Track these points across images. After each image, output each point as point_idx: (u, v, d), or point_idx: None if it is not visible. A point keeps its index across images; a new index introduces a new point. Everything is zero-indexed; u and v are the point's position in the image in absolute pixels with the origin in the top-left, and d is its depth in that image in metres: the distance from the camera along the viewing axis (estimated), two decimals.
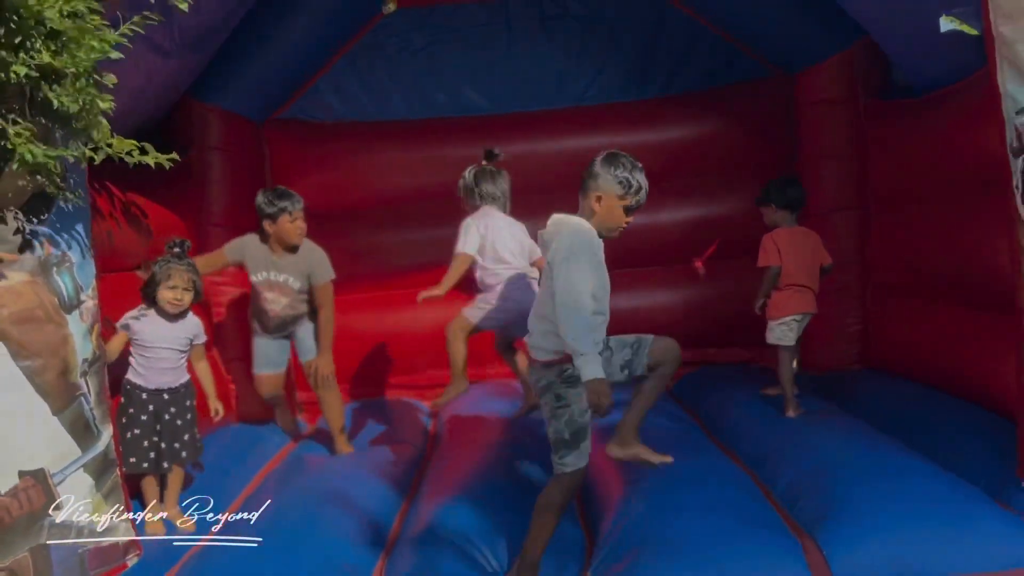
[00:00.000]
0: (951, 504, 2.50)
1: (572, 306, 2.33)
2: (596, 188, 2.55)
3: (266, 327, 3.85)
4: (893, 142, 4.06)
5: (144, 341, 3.02)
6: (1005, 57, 2.56)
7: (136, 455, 2.97)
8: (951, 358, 3.52)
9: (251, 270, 3.78)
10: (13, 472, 2.41)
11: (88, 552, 2.53)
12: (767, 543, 2.43)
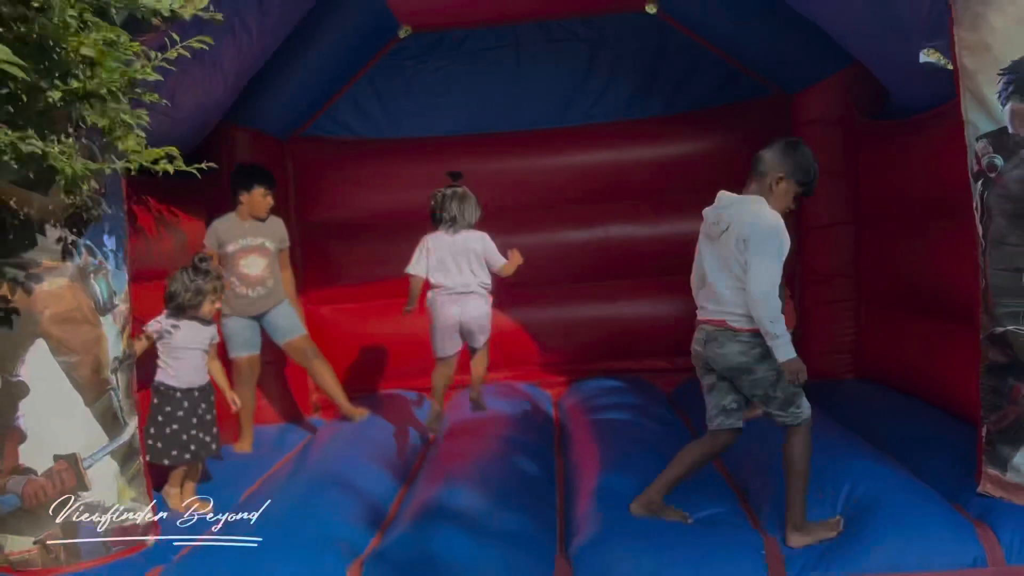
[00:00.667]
0: (906, 507, 2.66)
1: (768, 293, 2.51)
2: (777, 170, 2.68)
3: (241, 304, 4.07)
4: (882, 161, 4.21)
5: (178, 344, 3.32)
6: (967, 87, 2.76)
7: (178, 448, 3.28)
8: (930, 369, 3.68)
9: (226, 243, 4.07)
10: (49, 456, 2.72)
11: (112, 531, 2.79)
12: (730, 537, 2.63)
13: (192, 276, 3.33)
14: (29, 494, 2.68)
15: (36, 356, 2.68)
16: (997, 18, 2.62)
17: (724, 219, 2.67)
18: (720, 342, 2.67)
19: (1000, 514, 2.62)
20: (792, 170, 2.68)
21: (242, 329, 4.10)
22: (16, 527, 2.71)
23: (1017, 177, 2.62)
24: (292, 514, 2.97)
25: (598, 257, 5.00)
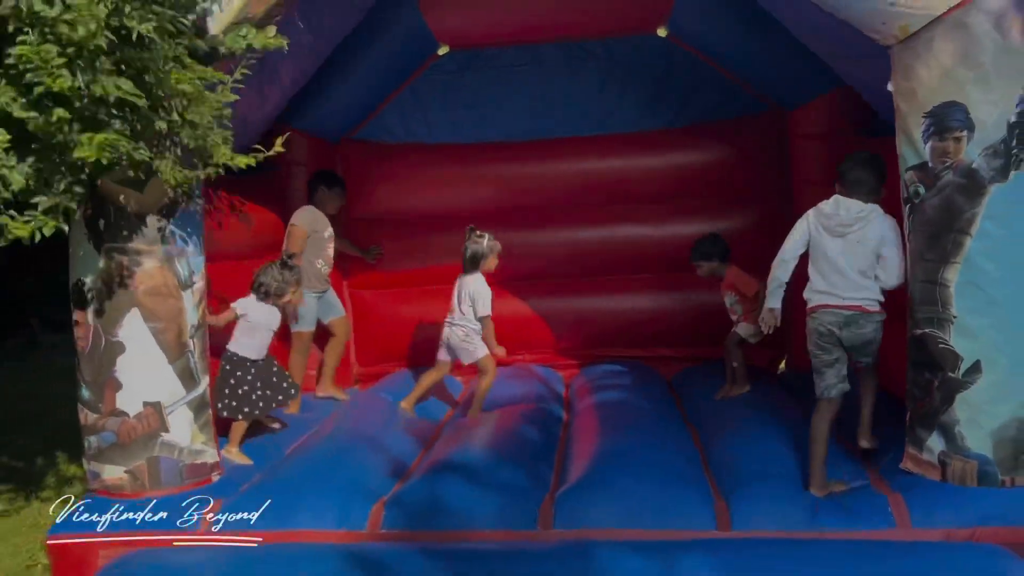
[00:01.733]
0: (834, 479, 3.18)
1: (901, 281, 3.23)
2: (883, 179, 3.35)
3: (321, 283, 4.78)
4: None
5: (256, 324, 3.99)
6: (900, 126, 3.19)
7: (249, 406, 3.92)
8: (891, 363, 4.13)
9: (321, 229, 4.77)
10: (139, 402, 3.35)
11: (186, 466, 3.43)
12: (688, 496, 3.14)
13: (280, 270, 4.02)
14: (123, 432, 3.33)
15: (131, 322, 3.31)
16: (923, 70, 3.04)
17: (858, 222, 3.29)
18: (860, 324, 3.28)
19: (912, 486, 3.10)
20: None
21: (314, 305, 4.76)
22: (111, 458, 3.36)
23: (934, 204, 3.04)
24: (329, 464, 3.58)
25: (608, 254, 5.48)
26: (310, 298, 4.71)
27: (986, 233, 2.97)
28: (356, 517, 3.18)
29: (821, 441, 3.24)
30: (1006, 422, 3.00)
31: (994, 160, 2.96)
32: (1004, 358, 2.99)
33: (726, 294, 4.59)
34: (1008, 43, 2.94)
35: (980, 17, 2.94)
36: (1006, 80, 2.95)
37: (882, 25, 3.14)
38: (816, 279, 3.43)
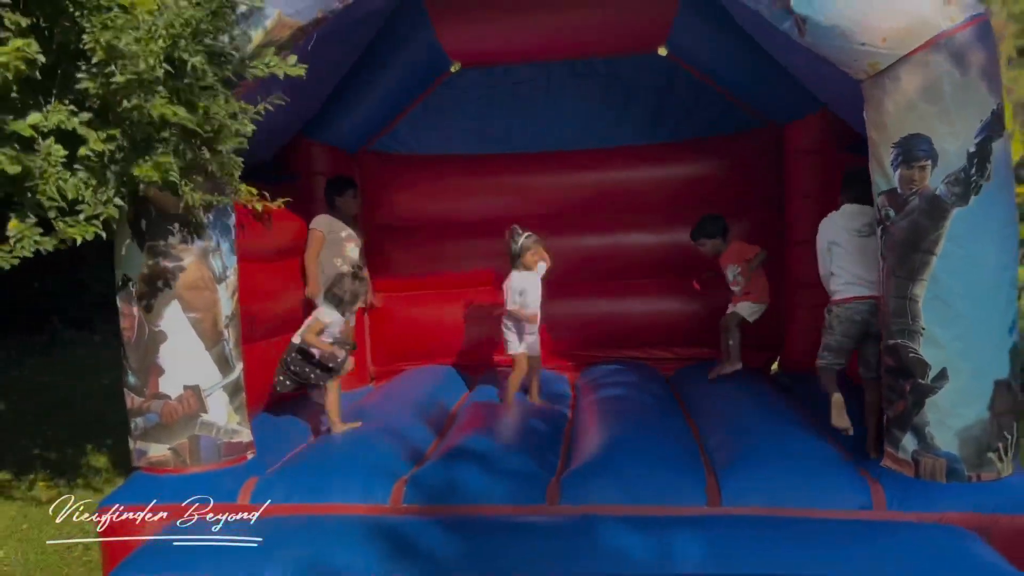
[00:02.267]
0: (814, 462, 3.51)
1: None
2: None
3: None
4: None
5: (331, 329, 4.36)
6: (872, 154, 3.50)
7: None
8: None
9: (337, 230, 5.15)
10: (180, 385, 3.64)
11: (223, 444, 3.73)
12: (682, 475, 3.46)
13: (353, 281, 4.36)
14: (165, 413, 3.64)
15: (172, 313, 3.61)
16: (890, 104, 3.34)
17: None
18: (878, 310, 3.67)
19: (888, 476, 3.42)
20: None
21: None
22: (155, 437, 3.67)
23: (902, 227, 3.34)
24: (354, 449, 3.91)
25: (611, 260, 5.77)
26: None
27: (949, 253, 3.26)
28: (379, 493, 3.49)
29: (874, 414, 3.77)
30: (971, 423, 3.30)
31: (955, 187, 3.27)
32: (967, 366, 3.29)
33: (728, 267, 4.86)
34: (967, 81, 3.25)
35: (941, 57, 3.25)
36: (965, 114, 3.26)
37: (854, 62, 3.45)
38: (847, 274, 3.84)
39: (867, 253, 3.77)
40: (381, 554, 3.00)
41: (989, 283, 3.30)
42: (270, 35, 3.63)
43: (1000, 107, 3.36)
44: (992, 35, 3.39)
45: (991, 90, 3.32)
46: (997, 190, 3.30)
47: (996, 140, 3.31)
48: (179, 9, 2.97)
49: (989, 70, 3.33)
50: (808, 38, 3.55)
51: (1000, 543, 3.05)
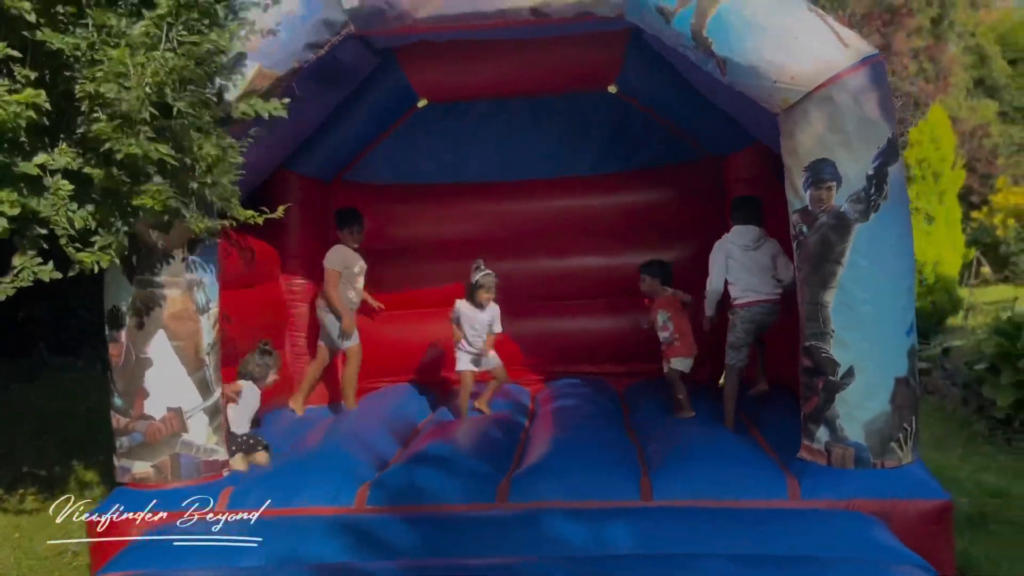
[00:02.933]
0: (737, 459, 3.90)
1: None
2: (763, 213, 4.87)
3: (352, 305, 5.50)
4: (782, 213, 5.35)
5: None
6: (788, 178, 3.92)
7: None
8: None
9: (350, 265, 5.48)
10: (163, 407, 3.95)
11: (202, 462, 4.04)
12: (617, 475, 3.83)
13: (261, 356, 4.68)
14: (149, 433, 3.94)
15: (158, 341, 3.93)
16: (801, 134, 3.77)
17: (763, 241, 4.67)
18: (778, 310, 4.59)
19: (803, 469, 3.80)
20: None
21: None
22: (139, 455, 3.97)
23: (813, 240, 3.76)
24: (325, 456, 4.24)
25: (569, 282, 6.16)
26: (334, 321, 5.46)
27: (854, 263, 3.69)
28: (345, 496, 3.83)
29: (732, 397, 4.64)
30: (875, 416, 3.70)
31: (858, 205, 3.70)
32: (871, 364, 3.69)
33: (659, 311, 5.25)
34: (864, 114, 3.68)
35: (842, 94, 3.69)
36: (865, 143, 3.70)
37: (769, 97, 3.88)
38: (743, 282, 4.61)
39: (757, 263, 4.62)
40: (346, 546, 3.33)
41: (889, 290, 3.71)
42: (252, 84, 4.04)
43: (894, 136, 3.79)
44: (885, 75, 3.83)
45: (886, 121, 3.75)
46: (893, 208, 3.72)
47: (891, 164, 3.73)
48: (164, 60, 3.35)
49: (883, 104, 3.77)
50: (729, 77, 3.98)
51: (898, 526, 3.42)
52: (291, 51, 4.16)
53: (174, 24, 3.35)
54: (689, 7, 3.93)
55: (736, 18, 3.84)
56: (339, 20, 4.24)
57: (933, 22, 17.24)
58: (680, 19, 3.97)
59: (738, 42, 3.85)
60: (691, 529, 3.28)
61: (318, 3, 4.16)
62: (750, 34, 3.82)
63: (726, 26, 3.86)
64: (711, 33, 3.90)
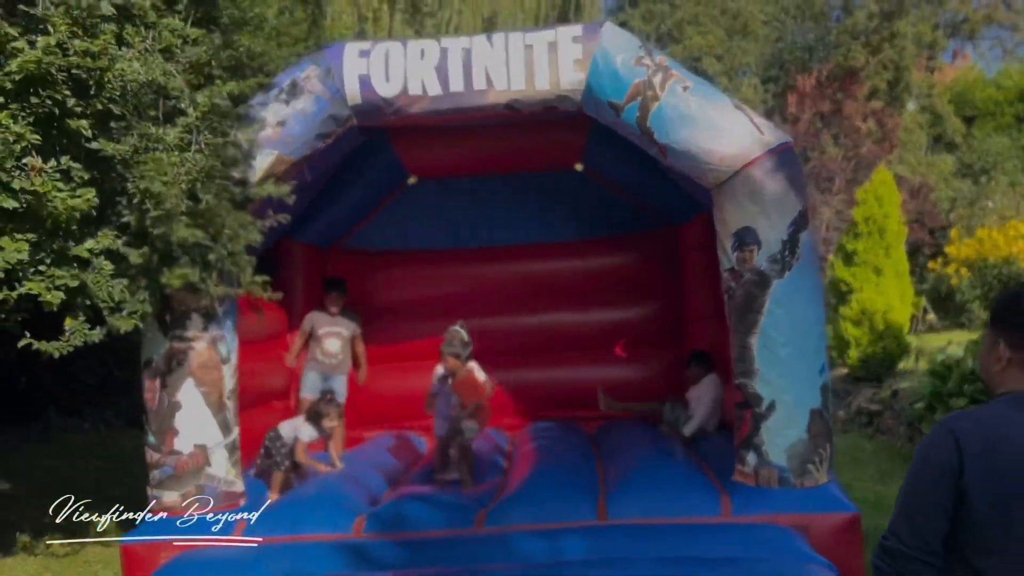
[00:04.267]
0: (680, 482, 4.55)
1: None
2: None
3: (319, 366, 6.16)
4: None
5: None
6: (719, 242, 4.68)
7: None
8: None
9: (317, 327, 6.14)
10: (191, 444, 4.55)
11: (222, 492, 4.67)
12: (578, 499, 4.46)
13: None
14: (178, 466, 4.55)
15: (187, 387, 4.55)
16: (729, 205, 4.52)
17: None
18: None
19: (736, 489, 4.46)
20: None
21: (314, 380, 6.17)
22: (169, 486, 4.55)
23: (740, 294, 4.48)
24: (324, 493, 4.85)
25: (544, 336, 6.85)
26: (312, 376, 6.13)
27: (773, 312, 4.40)
28: (344, 525, 4.43)
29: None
30: (794, 442, 4.36)
31: (775, 264, 4.44)
32: (790, 398, 4.38)
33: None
34: (778, 189, 4.45)
35: (760, 173, 4.47)
36: (779, 213, 4.45)
37: (703, 176, 4.67)
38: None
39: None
40: (345, 564, 3.95)
41: (803, 334, 4.42)
42: (271, 170, 4.79)
43: (806, 208, 4.56)
44: (795, 158, 4.63)
45: (798, 196, 4.53)
46: (805, 266, 4.47)
47: (802, 232, 4.49)
48: (194, 160, 4.10)
49: (796, 181, 4.55)
50: (669, 159, 4.77)
51: (815, 537, 4.04)
52: (304, 141, 4.93)
53: (201, 129, 4.10)
54: (634, 103, 4.73)
55: (673, 112, 4.63)
56: (344, 114, 5.01)
57: (889, 84, 18.45)
58: (628, 112, 4.77)
59: (675, 132, 4.63)
60: (635, 540, 3.92)
61: (326, 102, 4.92)
62: (685, 125, 4.60)
63: (665, 119, 4.65)
64: (653, 124, 4.69)
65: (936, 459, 1.79)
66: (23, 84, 3.64)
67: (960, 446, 1.76)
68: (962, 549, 1.77)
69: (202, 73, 4.25)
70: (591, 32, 4.81)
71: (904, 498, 1.84)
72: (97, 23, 3.88)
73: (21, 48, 3.64)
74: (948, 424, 1.83)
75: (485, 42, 4.83)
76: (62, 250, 3.95)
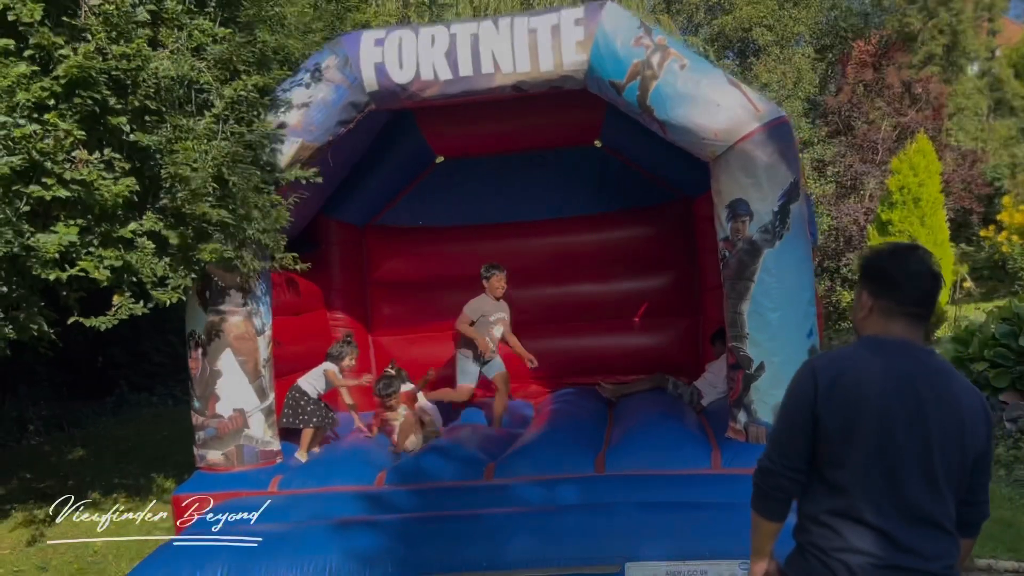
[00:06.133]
0: (674, 438, 4.83)
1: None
2: None
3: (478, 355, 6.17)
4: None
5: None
6: (716, 212, 4.89)
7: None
8: None
9: (487, 314, 6.16)
10: (230, 408, 5.04)
11: (260, 451, 5.17)
12: (577, 453, 4.80)
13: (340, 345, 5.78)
14: (220, 428, 5.06)
15: (226, 357, 5.03)
16: (724, 178, 4.76)
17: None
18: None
19: (728, 445, 4.72)
20: None
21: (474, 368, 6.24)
22: (212, 445, 5.07)
23: (733, 263, 4.71)
24: (350, 452, 5.32)
25: (566, 306, 7.15)
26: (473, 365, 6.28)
27: (762, 280, 4.63)
28: (367, 479, 4.88)
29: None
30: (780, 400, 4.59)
31: (766, 234, 4.65)
32: (777, 359, 4.61)
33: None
34: (771, 162, 4.66)
35: (754, 146, 4.68)
36: (771, 185, 4.66)
37: (701, 150, 4.89)
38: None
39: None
40: (366, 509, 4.37)
41: (792, 301, 4.64)
42: (296, 156, 5.19)
43: (797, 179, 4.74)
44: (790, 131, 4.80)
45: (790, 168, 4.71)
46: (795, 237, 4.67)
47: (794, 203, 4.68)
48: (220, 147, 4.51)
49: (787, 154, 4.73)
50: (670, 135, 5.00)
51: None
52: (326, 128, 5.31)
53: (228, 119, 4.51)
54: (635, 82, 4.97)
55: (671, 90, 4.86)
56: (363, 101, 5.37)
57: (946, 49, 17.92)
58: (628, 91, 5.01)
59: (673, 109, 4.87)
60: (626, 489, 4.24)
61: (345, 90, 5.29)
62: (682, 103, 4.83)
63: (663, 97, 4.88)
64: (652, 102, 4.93)
65: (797, 391, 2.10)
66: (68, 87, 4.10)
67: (816, 380, 2.07)
68: (819, 465, 2.06)
69: (228, 68, 4.66)
70: (592, 13, 5.05)
71: (775, 425, 2.14)
72: (133, 28, 4.32)
73: (67, 55, 4.09)
74: (810, 362, 2.14)
75: (491, 27, 5.12)
76: (108, 233, 4.43)
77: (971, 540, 2.16)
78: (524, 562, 3.71)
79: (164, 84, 4.37)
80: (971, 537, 2.15)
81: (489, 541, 3.82)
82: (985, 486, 2.12)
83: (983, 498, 2.11)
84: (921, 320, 2.09)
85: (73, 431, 9.23)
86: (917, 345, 2.07)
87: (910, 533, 1.97)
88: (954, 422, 2.00)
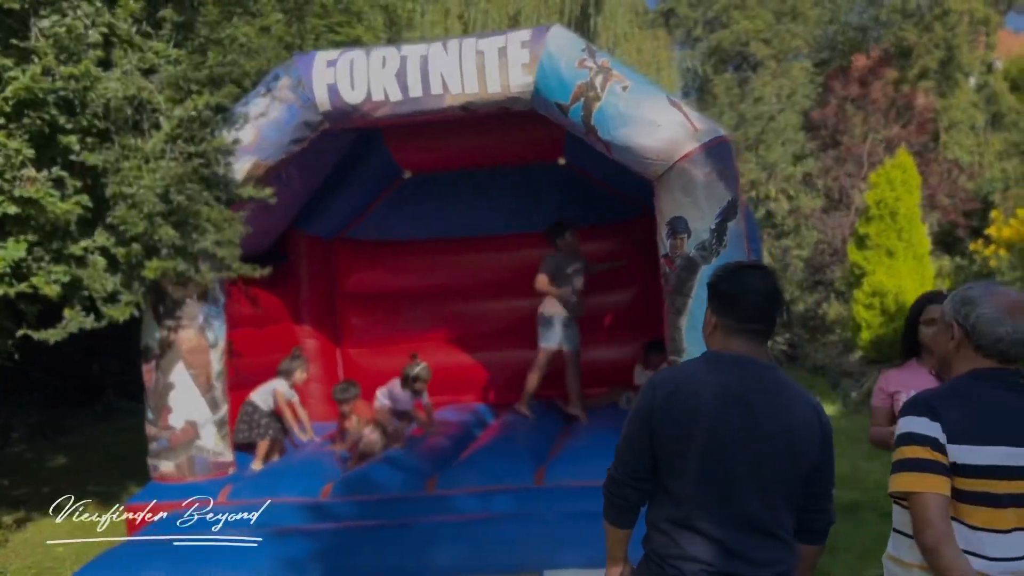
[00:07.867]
0: None
1: None
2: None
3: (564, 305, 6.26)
4: None
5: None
6: (658, 230, 4.97)
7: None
8: None
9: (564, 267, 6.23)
10: (182, 420, 5.16)
11: (212, 462, 5.27)
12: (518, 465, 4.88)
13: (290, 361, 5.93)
14: (172, 439, 5.17)
15: (178, 369, 5.15)
16: (665, 196, 4.84)
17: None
18: None
19: None
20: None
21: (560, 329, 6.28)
22: (165, 456, 5.18)
23: (673, 279, 4.80)
24: (302, 463, 5.42)
25: (527, 320, 7.18)
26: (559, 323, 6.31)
27: (700, 296, 4.70)
28: (314, 490, 4.96)
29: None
30: None
31: (703, 251, 4.73)
32: None
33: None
34: (709, 181, 4.74)
35: (690, 166, 4.77)
36: (709, 203, 4.74)
37: (644, 169, 4.98)
38: None
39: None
40: (311, 518, 4.46)
41: None
42: (250, 173, 5.32)
43: (735, 198, 4.81)
44: (729, 150, 4.88)
45: (728, 187, 4.79)
46: (732, 254, 4.74)
47: (731, 220, 4.76)
48: (168, 167, 4.63)
49: (726, 173, 4.81)
50: (614, 154, 5.10)
51: None
52: (279, 147, 5.44)
53: (178, 139, 4.64)
54: (578, 104, 5.07)
55: (613, 111, 4.96)
56: (315, 120, 5.49)
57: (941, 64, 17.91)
58: (573, 112, 5.12)
59: (616, 129, 4.97)
60: (560, 499, 4.34)
61: (298, 109, 5.41)
62: (624, 123, 4.93)
63: (606, 117, 4.98)
64: (596, 123, 5.03)
65: (639, 405, 2.19)
66: (17, 107, 4.24)
67: (654, 393, 2.15)
68: (661, 475, 2.15)
69: (180, 88, 4.79)
70: (538, 36, 5.16)
71: (621, 436, 2.22)
72: (84, 49, 4.46)
73: (16, 76, 4.24)
74: (653, 378, 2.22)
75: (441, 49, 5.24)
76: (60, 249, 4.56)
77: (817, 547, 2.23)
78: (451, 569, 3.81)
79: (113, 104, 4.50)
80: (816, 544, 2.22)
81: (418, 549, 3.93)
82: (826, 494, 2.19)
83: (825, 506, 2.19)
84: (761, 336, 2.18)
85: (58, 438, 9.38)
86: (756, 360, 2.15)
87: (742, 541, 2.04)
88: (785, 434, 2.07)
